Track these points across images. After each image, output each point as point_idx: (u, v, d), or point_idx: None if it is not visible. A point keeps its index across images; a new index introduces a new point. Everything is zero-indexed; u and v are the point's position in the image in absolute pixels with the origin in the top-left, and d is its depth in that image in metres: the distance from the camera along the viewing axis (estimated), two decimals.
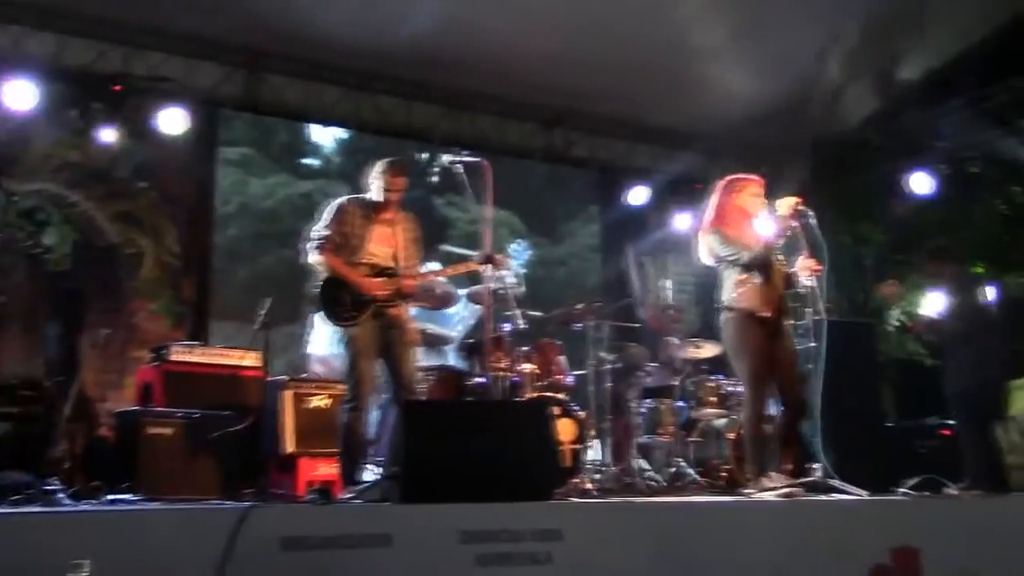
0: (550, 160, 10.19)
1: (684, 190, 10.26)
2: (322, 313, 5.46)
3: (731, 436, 6.76)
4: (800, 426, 5.60)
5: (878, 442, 7.21)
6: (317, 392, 6.50)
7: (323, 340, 7.25)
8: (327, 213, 5.49)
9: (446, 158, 5.59)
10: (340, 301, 5.35)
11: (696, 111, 9.51)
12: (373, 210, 5.49)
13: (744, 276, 5.46)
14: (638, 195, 10.07)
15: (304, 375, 7.04)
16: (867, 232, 9.98)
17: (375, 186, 5.49)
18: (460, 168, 5.46)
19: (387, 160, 5.57)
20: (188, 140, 8.35)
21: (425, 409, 4.91)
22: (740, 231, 5.53)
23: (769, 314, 5.36)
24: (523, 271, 8.78)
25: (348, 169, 9.04)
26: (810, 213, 5.46)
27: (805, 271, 5.46)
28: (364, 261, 5.42)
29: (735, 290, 5.47)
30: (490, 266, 5.29)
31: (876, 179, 10.05)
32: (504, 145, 9.71)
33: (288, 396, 6.41)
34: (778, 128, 9.55)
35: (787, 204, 5.44)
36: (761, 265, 5.40)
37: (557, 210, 10.37)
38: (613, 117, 10.01)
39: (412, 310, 5.84)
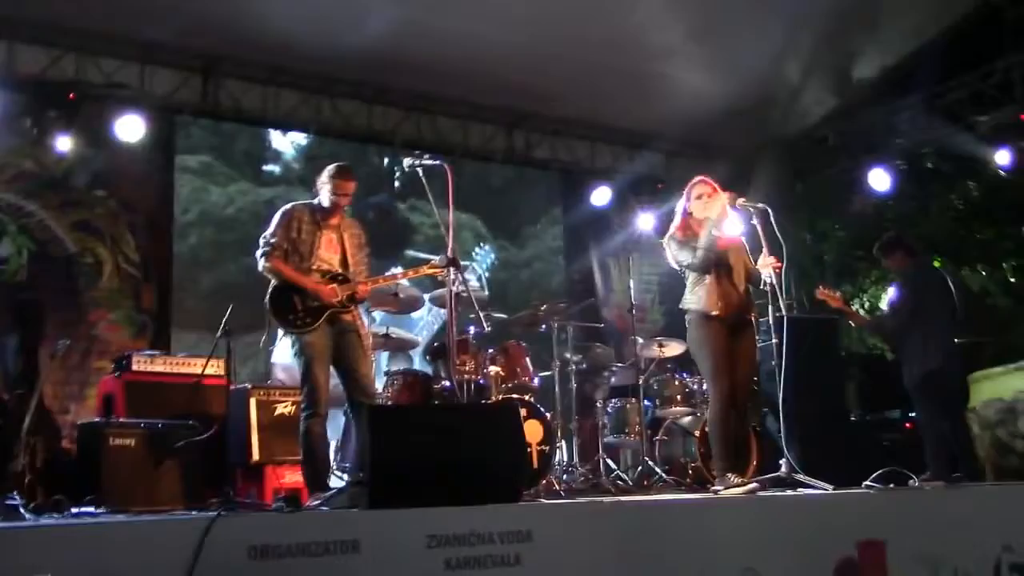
0: (512, 162, 10.20)
1: (646, 190, 10.33)
2: (275, 320, 5.38)
3: (697, 434, 6.80)
4: (744, 424, 5.68)
5: (842, 436, 7.32)
6: (281, 399, 6.46)
7: (287, 349, 7.22)
8: (275, 220, 5.46)
9: (407, 161, 5.57)
10: (292, 307, 5.30)
11: (656, 111, 9.57)
12: (321, 216, 5.46)
13: (698, 277, 5.55)
14: (600, 196, 10.12)
15: (268, 382, 6.99)
16: (826, 229, 10.09)
17: (324, 191, 5.45)
18: (421, 171, 5.44)
19: (335, 164, 5.54)
20: (146, 147, 8.27)
21: (391, 413, 4.89)
22: (692, 235, 5.60)
23: (719, 312, 5.43)
24: (486, 274, 8.80)
25: (309, 175, 8.90)
26: (768, 211, 5.51)
27: (766, 268, 5.50)
28: (315, 267, 5.40)
29: (691, 291, 5.57)
30: (452, 269, 5.27)
31: (834, 176, 10.17)
32: (466, 148, 9.72)
33: (252, 404, 6.37)
34: (737, 127, 9.63)
35: (722, 200, 5.53)
36: (707, 266, 5.48)
37: (520, 213, 10.39)
38: (574, 118, 10.04)
39: (376, 314, 5.82)
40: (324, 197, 5.45)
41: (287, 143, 9.30)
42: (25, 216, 7.98)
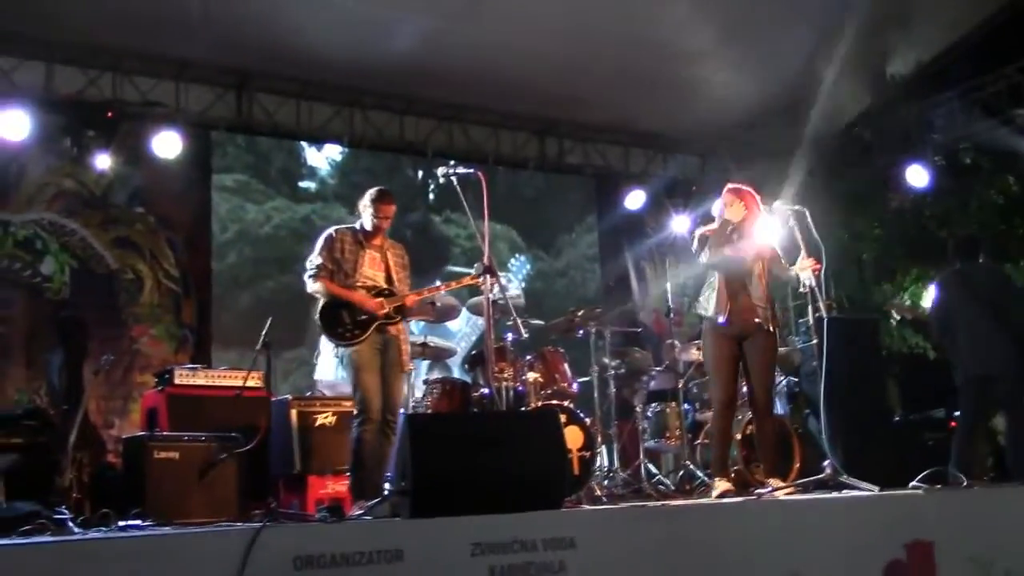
0: (544, 169, 10.22)
1: (681, 192, 10.29)
2: (326, 335, 5.53)
3: (739, 437, 6.74)
4: (767, 428, 5.65)
5: (886, 437, 7.21)
6: (322, 410, 6.52)
7: (329, 366, 7.29)
8: (318, 243, 5.63)
9: (441, 171, 5.63)
10: (341, 321, 5.46)
11: (689, 113, 9.54)
12: (363, 237, 5.63)
13: (708, 283, 5.63)
14: (635, 200, 10.09)
15: (308, 394, 7.03)
16: (864, 228, 9.97)
17: (365, 215, 5.63)
18: (455, 180, 5.48)
19: (376, 189, 5.72)
20: (183, 164, 8.37)
21: (431, 422, 4.91)
22: (715, 241, 5.62)
23: (722, 319, 5.44)
24: (522, 285, 8.82)
25: (344, 191, 9.07)
26: (805, 212, 5.48)
27: (804, 270, 5.46)
28: (359, 284, 5.55)
29: (702, 295, 5.67)
30: (489, 277, 5.30)
31: (871, 175, 10.06)
32: (498, 155, 9.75)
33: (293, 415, 6.42)
34: (772, 128, 9.57)
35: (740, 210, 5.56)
36: (725, 272, 5.50)
37: (554, 222, 10.39)
38: (606, 123, 10.04)
39: (415, 325, 5.87)
40: (366, 220, 5.63)
41: (322, 159, 9.37)
42: (67, 234, 8.10)
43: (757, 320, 5.52)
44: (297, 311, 5.59)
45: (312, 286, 5.53)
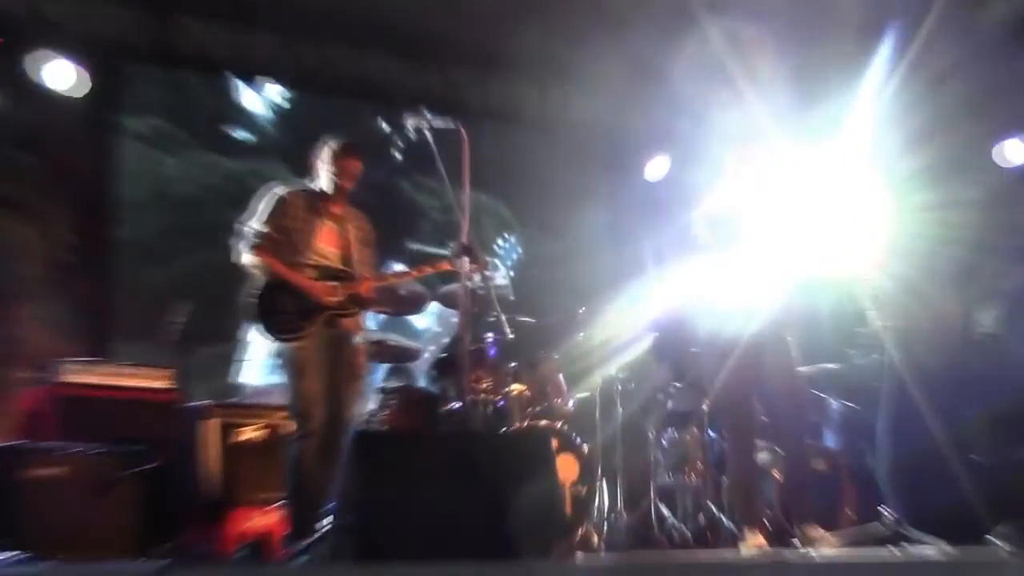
0: (546, 126, 10.18)
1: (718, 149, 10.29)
2: (260, 325, 5.49)
3: (777, 474, 6.76)
4: (801, 468, 5.67)
5: (963, 480, 7.24)
6: (251, 421, 6.47)
7: (263, 366, 7.28)
8: (264, 205, 5.61)
9: (412, 122, 5.58)
10: (281, 309, 5.47)
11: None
12: (320, 202, 5.64)
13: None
14: (657, 167, 10.04)
15: (233, 400, 7.03)
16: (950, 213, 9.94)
17: (323, 173, 5.61)
18: (430, 136, 5.44)
19: (337, 141, 5.69)
20: (85, 105, 8.30)
21: (386, 442, 4.88)
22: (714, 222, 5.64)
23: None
24: (511, 272, 8.80)
25: (289, 145, 9.03)
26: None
27: (874, 266, 5.47)
28: (310, 262, 5.54)
29: None
30: (467, 260, 5.27)
31: (959, 146, 10.03)
32: (487, 107, 9.72)
33: (213, 426, 6.38)
34: None
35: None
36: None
37: (556, 193, 10.35)
38: (620, 68, 9.99)
39: (370, 318, 5.86)
40: (324, 180, 5.65)
41: (261, 103, 9.33)
42: None
43: (776, 334, 5.58)
44: (223, 295, 5.55)
45: (250, 260, 5.52)
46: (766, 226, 5.58)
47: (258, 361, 6.84)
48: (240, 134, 9.24)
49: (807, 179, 5.68)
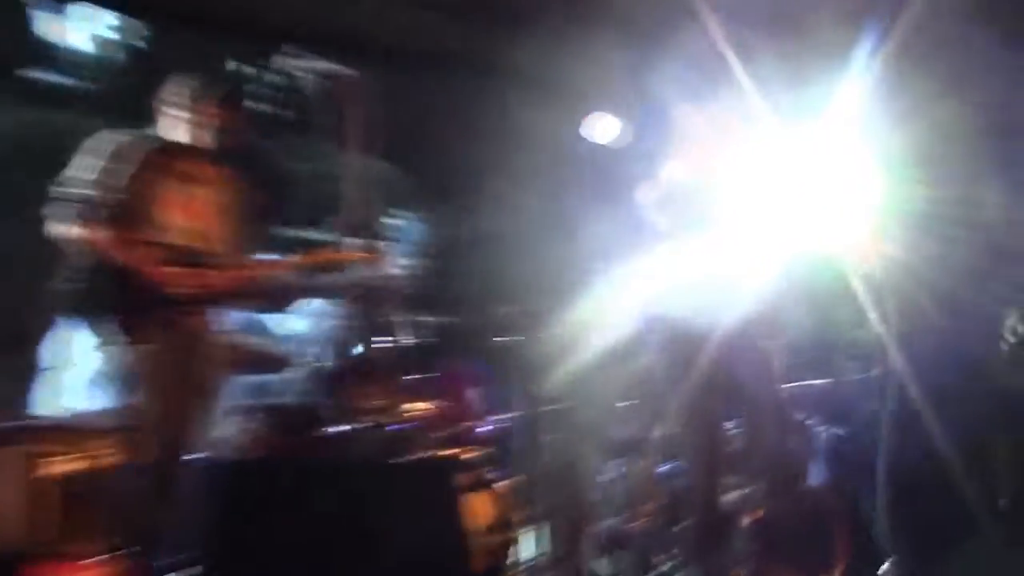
0: (462, 72, 10.40)
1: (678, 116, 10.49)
2: (80, 322, 5.54)
3: (747, 520, 6.94)
4: (783, 511, 5.86)
5: (985, 530, 7.48)
6: (62, 450, 6.41)
7: (83, 377, 7.25)
8: (95, 159, 5.52)
9: (282, 64, 5.62)
10: (111, 302, 5.44)
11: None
12: (176, 160, 5.61)
13: None
14: (603, 127, 10.29)
15: (38, 423, 6.94)
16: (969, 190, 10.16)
17: (182, 122, 5.61)
18: (309, 84, 5.47)
19: (205, 82, 5.70)
20: None
21: (246, 475, 4.98)
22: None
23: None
24: (411, 261, 8.82)
25: (118, 91, 9.05)
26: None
27: (868, 254, 5.62)
28: (155, 240, 5.52)
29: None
30: (355, 243, 5.33)
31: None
32: (386, 47, 9.81)
33: (13, 457, 6.38)
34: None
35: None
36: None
37: (470, 159, 10.43)
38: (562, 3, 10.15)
39: (230, 316, 5.90)
40: (181, 131, 5.62)
41: (80, 34, 9.26)
42: None
43: (754, 334, 5.83)
44: (24, 287, 5.54)
45: (70, 232, 5.43)
46: (737, 207, 5.74)
47: (80, 371, 6.81)
48: (48, 76, 9.12)
49: (787, 150, 5.81)
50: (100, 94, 9.19)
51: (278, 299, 6.43)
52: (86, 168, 5.53)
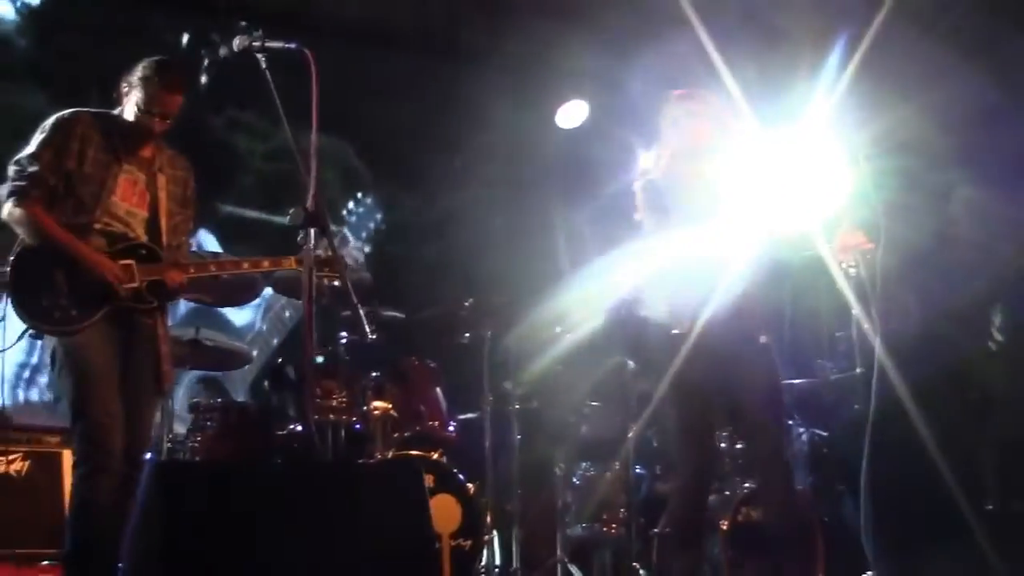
0: (420, 49, 10.24)
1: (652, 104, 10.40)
2: (15, 307, 5.34)
3: (724, 525, 6.85)
4: (780, 516, 5.74)
5: (972, 535, 7.40)
6: (5, 450, 6.36)
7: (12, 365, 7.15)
8: (38, 136, 5.44)
9: (237, 42, 5.50)
10: (51, 289, 5.29)
11: None
12: (123, 140, 5.48)
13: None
14: (571, 113, 10.11)
15: None
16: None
17: (130, 100, 5.47)
18: (262, 60, 5.37)
19: (154, 59, 5.52)
20: None
21: (198, 477, 4.84)
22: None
23: (680, 329, 5.57)
24: (366, 248, 8.78)
25: (49, 64, 8.87)
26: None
27: (846, 249, 5.54)
28: (99, 225, 5.40)
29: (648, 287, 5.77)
30: (313, 231, 5.23)
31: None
32: (342, 21, 9.74)
33: None
34: None
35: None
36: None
37: (430, 140, 10.37)
38: None
39: (179, 306, 5.81)
40: (128, 110, 5.47)
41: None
42: None
43: (744, 328, 5.62)
44: None
45: (11, 211, 5.36)
46: (719, 199, 5.63)
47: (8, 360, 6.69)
48: None
49: (764, 147, 5.77)
50: (29, 71, 9.01)
51: (235, 292, 6.38)
52: (41, 140, 5.45)
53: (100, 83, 5.83)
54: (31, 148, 5.42)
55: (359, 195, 9.79)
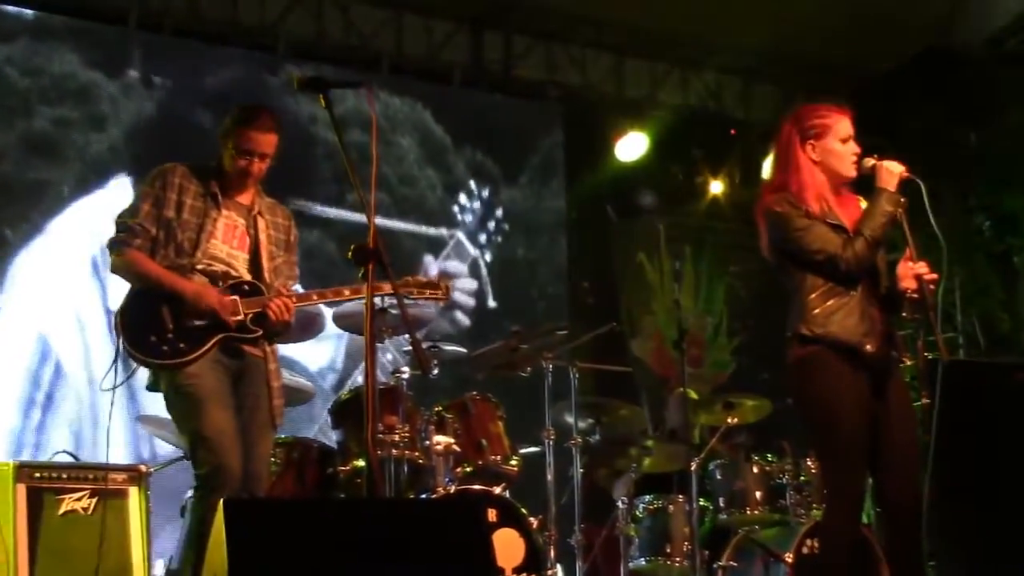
0: (480, 84, 10.33)
1: (711, 137, 10.41)
2: (126, 349, 5.44)
3: (789, 558, 6.83)
4: (917, 545, 5.58)
5: None
6: (74, 485, 6.26)
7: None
8: (139, 187, 5.60)
9: (300, 79, 5.54)
10: (159, 325, 5.38)
11: (730, 10, 9.59)
12: (221, 186, 5.57)
13: (829, 285, 5.46)
14: (631, 146, 10.15)
15: (54, 461, 6.86)
16: (1020, 211, 10.10)
17: (226, 148, 5.55)
18: (323, 99, 5.39)
19: (241, 105, 5.61)
20: None
21: (264, 513, 4.87)
22: (827, 203, 5.55)
23: (873, 348, 5.41)
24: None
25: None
26: (919, 183, 5.50)
27: (909, 280, 5.49)
28: (200, 267, 5.49)
29: (813, 310, 5.47)
30: (372, 266, 5.24)
31: None
32: (400, 57, 9.85)
33: (19, 494, 6.30)
34: (866, 38, 9.71)
35: (891, 169, 5.46)
36: (867, 262, 5.42)
37: (492, 170, 10.43)
38: (585, 15, 10.07)
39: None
40: (226, 157, 5.56)
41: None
42: None
43: (892, 351, 5.48)
44: None
45: (113, 262, 5.50)
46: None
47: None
48: None
49: None
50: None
51: (299, 329, 6.36)
52: (140, 194, 5.60)
53: None
54: (131, 202, 5.57)
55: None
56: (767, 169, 5.79)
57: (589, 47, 10.53)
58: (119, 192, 8.65)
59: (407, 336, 5.76)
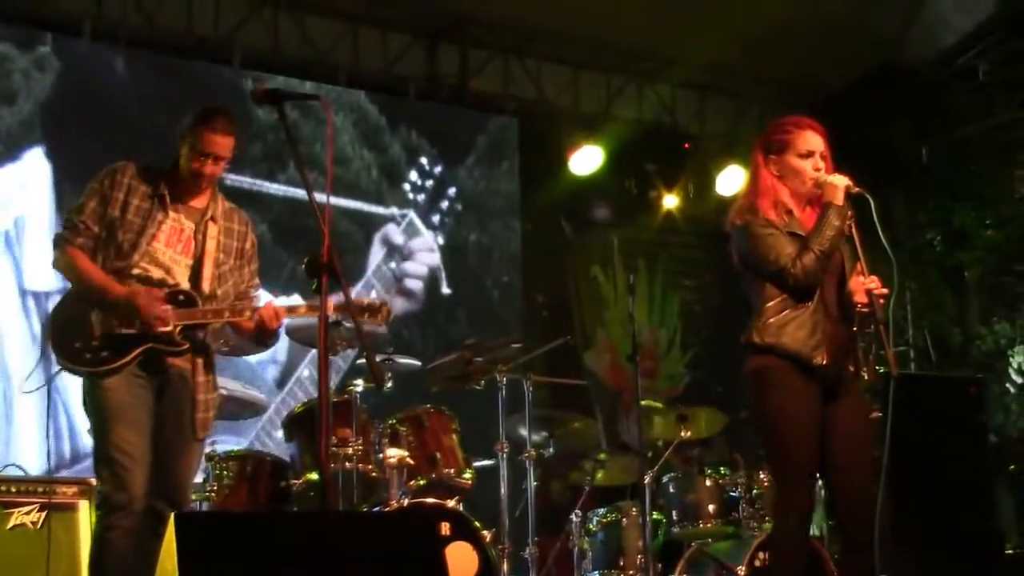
0: (435, 98, 10.32)
1: (665, 150, 10.43)
2: (54, 351, 5.38)
3: (741, 571, 6.85)
4: (868, 557, 5.59)
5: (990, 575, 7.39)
6: (18, 500, 6.33)
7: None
8: (88, 185, 5.52)
9: (259, 89, 5.52)
10: (85, 330, 5.32)
11: (686, 24, 9.62)
12: (172, 188, 5.50)
13: (784, 296, 5.46)
14: (586, 159, 10.18)
15: (3, 475, 6.84)
16: (969, 225, 10.16)
17: (183, 150, 5.49)
18: (280, 109, 5.37)
19: (202, 108, 5.52)
20: None
21: (215, 527, 4.85)
22: (789, 214, 5.56)
23: (823, 361, 5.42)
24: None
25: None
26: (868, 199, 5.51)
27: (860, 295, 5.51)
28: (136, 271, 5.41)
29: (768, 320, 5.47)
30: (322, 277, 5.22)
31: (983, 137, 10.28)
32: (356, 70, 9.84)
33: None
34: (820, 55, 9.76)
35: (835, 183, 5.47)
36: (819, 274, 5.43)
37: (453, 179, 10.46)
38: (542, 27, 10.09)
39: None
40: (182, 158, 5.50)
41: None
42: None
43: (847, 364, 5.47)
44: None
45: (55, 258, 5.45)
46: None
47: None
48: None
49: None
50: None
51: (248, 339, 6.28)
52: (88, 190, 5.52)
53: None
54: (80, 198, 5.51)
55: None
56: (721, 183, 5.83)
57: (545, 61, 10.52)
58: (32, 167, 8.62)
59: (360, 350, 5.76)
